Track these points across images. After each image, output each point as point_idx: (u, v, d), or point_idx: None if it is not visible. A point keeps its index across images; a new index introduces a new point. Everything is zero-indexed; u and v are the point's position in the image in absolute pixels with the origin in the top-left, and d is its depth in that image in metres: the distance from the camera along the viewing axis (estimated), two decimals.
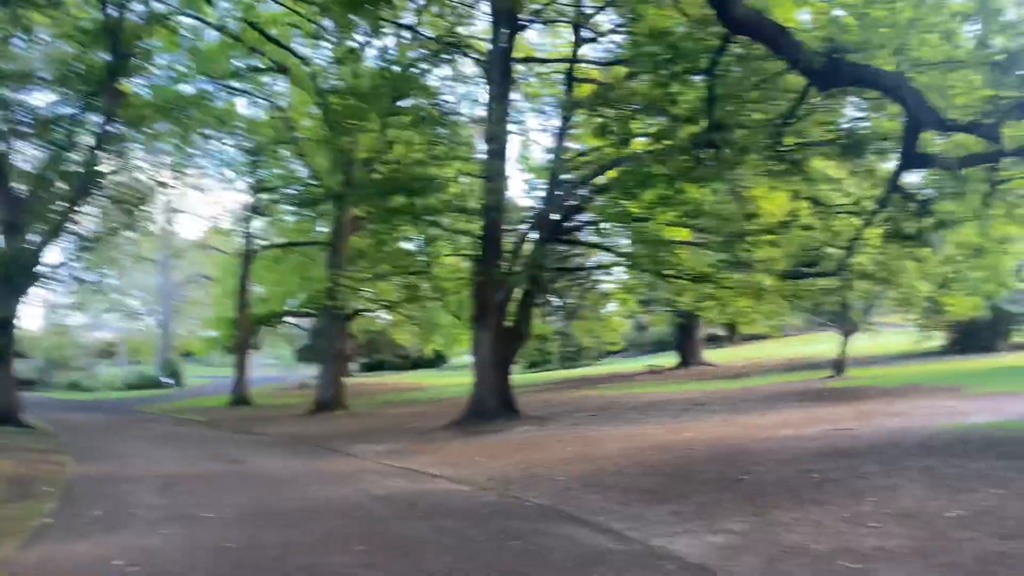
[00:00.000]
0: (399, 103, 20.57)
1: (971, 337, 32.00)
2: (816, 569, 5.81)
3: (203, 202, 79.71)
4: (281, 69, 26.69)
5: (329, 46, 25.30)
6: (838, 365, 27.41)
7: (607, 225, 16.32)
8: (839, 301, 19.78)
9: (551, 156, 19.99)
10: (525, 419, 18.43)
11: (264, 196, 34.43)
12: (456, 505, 9.26)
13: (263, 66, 27.26)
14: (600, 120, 9.50)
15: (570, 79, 19.74)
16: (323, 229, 31.76)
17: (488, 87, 19.28)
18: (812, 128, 9.94)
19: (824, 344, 47.36)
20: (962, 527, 6.41)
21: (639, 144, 12.33)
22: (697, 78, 9.07)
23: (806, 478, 8.94)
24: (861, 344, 32.70)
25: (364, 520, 8.63)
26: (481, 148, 20.06)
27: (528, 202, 26.74)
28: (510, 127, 19.74)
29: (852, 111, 11.28)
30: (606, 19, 19.91)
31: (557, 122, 20.30)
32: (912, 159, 8.74)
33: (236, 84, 29.29)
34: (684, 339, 39.62)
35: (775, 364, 36.55)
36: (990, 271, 13.63)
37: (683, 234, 20.38)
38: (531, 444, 14.21)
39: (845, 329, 27.86)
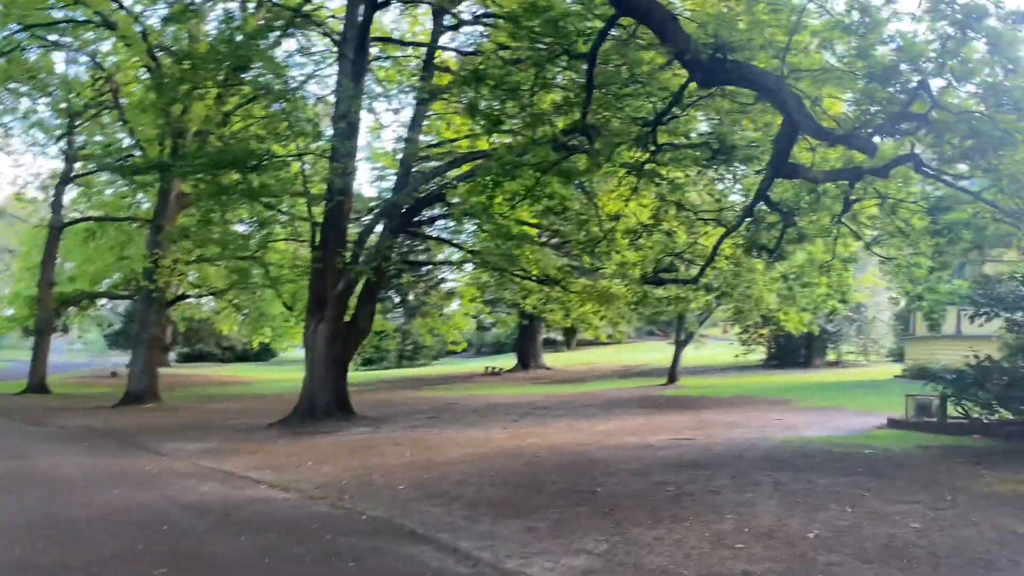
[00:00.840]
0: (240, 73, 18.88)
1: (790, 352, 33.96)
2: None
3: (7, 165, 71.82)
4: (107, 24, 23.97)
5: (165, 3, 22.99)
6: (672, 374, 28.15)
7: (460, 219, 15.52)
8: (680, 310, 20.06)
9: (403, 144, 19.02)
10: (360, 420, 17.32)
11: (80, 164, 31.06)
12: (280, 517, 8.15)
13: (86, 19, 24.37)
14: (471, 98, 8.75)
15: (428, 66, 18.85)
16: (145, 204, 29.01)
17: (340, 65, 18.02)
18: (685, 127, 9.71)
19: (655, 352, 49.16)
20: (825, 549, 6.13)
21: (504, 134, 11.70)
22: (575, 64, 8.57)
23: (661, 491, 8.55)
24: (689, 354, 33.94)
25: (169, 534, 7.37)
26: (328, 130, 18.72)
27: (375, 191, 25.65)
28: (362, 111, 18.57)
29: (711, 121, 11.14)
30: (468, 6, 19.28)
31: (410, 111, 19.41)
32: (783, 168, 8.65)
33: (53, 37, 26.10)
34: (523, 342, 39.64)
35: (611, 370, 37.26)
36: (834, 287, 14.10)
37: (533, 233, 20.08)
38: (366, 447, 13.17)
39: (679, 339, 28.66)
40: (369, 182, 52.99)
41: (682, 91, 8.27)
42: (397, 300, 48.53)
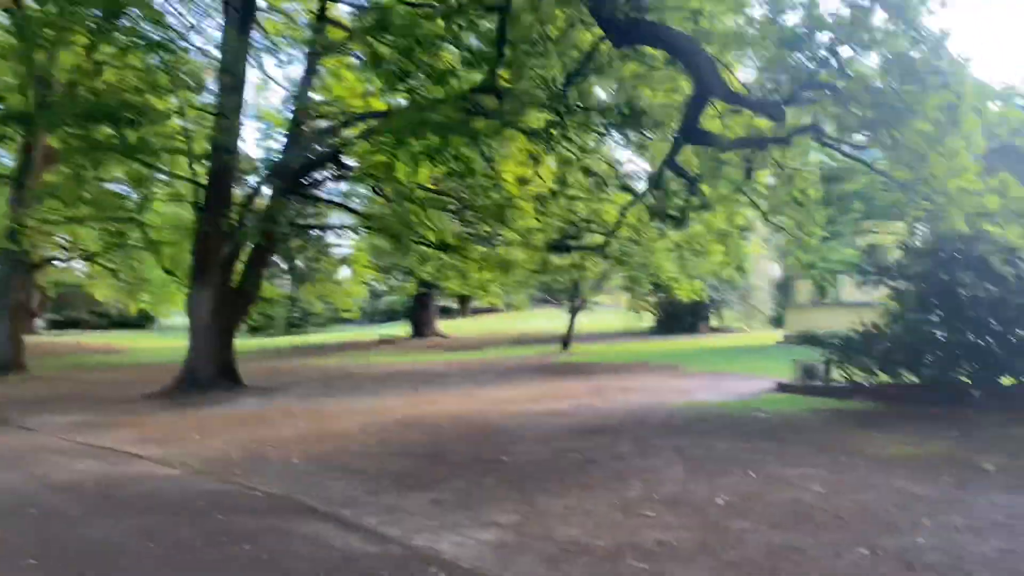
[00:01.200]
0: (113, 20, 17.39)
1: (677, 319, 34.94)
2: (603, 571, 5.15)
3: None
4: None
5: None
6: (566, 340, 28.40)
7: (361, 179, 14.87)
8: (577, 278, 20.13)
9: (293, 101, 18.10)
10: (249, 390, 16.57)
11: None
12: (165, 496, 7.58)
13: None
14: (374, 49, 8.22)
15: (321, 19, 17.91)
16: (6, 160, 26.67)
17: (226, 15, 16.88)
18: (596, 87, 9.51)
19: (547, 320, 49.72)
20: (735, 515, 6.15)
21: (404, 93, 11.17)
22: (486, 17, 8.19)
23: (567, 459, 8.46)
24: (580, 321, 34.41)
25: (38, 520, 6.70)
26: (213, 85, 17.56)
27: (262, 153, 24.43)
28: (248, 67, 17.50)
29: (618, 85, 10.99)
30: None
31: (300, 67, 18.46)
32: (692, 133, 8.61)
33: None
34: (418, 309, 39.16)
35: (506, 337, 37.35)
36: (732, 256, 14.38)
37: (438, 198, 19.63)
38: (257, 419, 12.56)
39: (574, 306, 28.92)
40: (256, 142, 50.70)
41: (595, 50, 8.06)
42: (285, 266, 46.99)
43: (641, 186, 10.98)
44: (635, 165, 13.11)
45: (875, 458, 8.03)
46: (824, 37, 7.18)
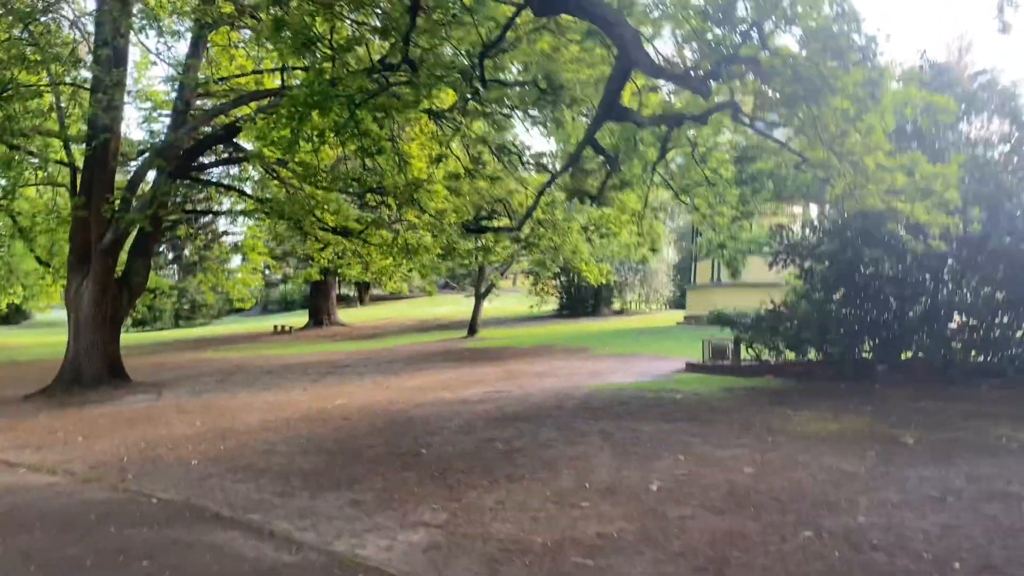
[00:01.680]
0: None
1: (580, 303, 35.16)
2: (545, 570, 4.82)
3: None
4: None
5: None
6: (472, 326, 28.06)
7: (257, 158, 13.93)
8: (487, 262, 19.74)
9: (179, 79, 16.91)
10: (137, 386, 15.46)
11: None
12: (47, 508, 6.78)
13: None
14: (277, 15, 7.53)
15: None
16: None
17: None
18: (513, 61, 9.09)
19: (449, 306, 49.32)
20: (673, 502, 5.94)
21: (303, 72, 10.47)
22: None
23: (491, 448, 8.10)
24: (484, 306, 34.15)
25: None
26: (90, 58, 16.17)
27: (145, 134, 22.83)
28: (129, 44, 16.20)
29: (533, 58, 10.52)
30: None
31: (186, 43, 17.22)
32: (613, 110, 8.34)
33: None
34: (316, 298, 37.95)
35: (408, 325, 36.72)
36: (645, 236, 14.30)
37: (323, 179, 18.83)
38: (148, 417, 11.64)
39: (479, 291, 28.57)
40: (138, 123, 47.81)
41: (513, 19, 7.67)
42: (172, 255, 44.72)
43: (552, 166, 10.66)
44: (546, 145, 12.81)
45: (798, 436, 8.03)
46: (746, 9, 7.05)
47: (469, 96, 9.41)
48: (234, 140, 16.24)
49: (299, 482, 7.23)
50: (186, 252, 42.68)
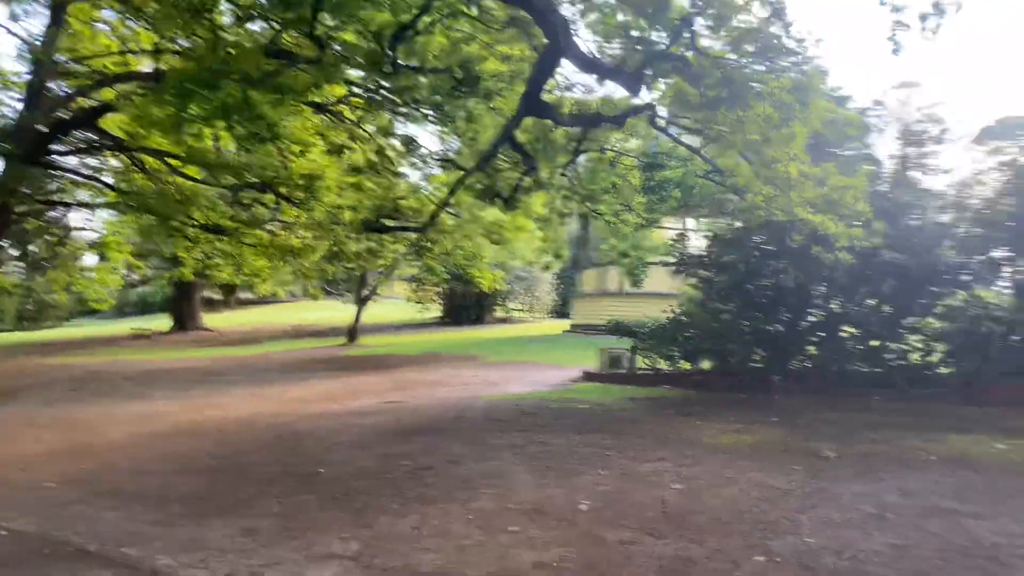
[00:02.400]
0: None
1: (463, 310, 34.67)
2: None
3: None
4: None
5: None
6: (352, 333, 26.99)
7: (128, 145, 12.57)
8: (379, 266, 18.82)
9: (34, 57, 15.21)
10: None
11: None
12: None
13: None
14: None
15: None
16: None
17: None
18: (430, 46, 8.42)
19: (324, 311, 47.67)
20: (608, 525, 5.50)
21: (171, 60, 9.45)
22: None
23: (396, 466, 7.42)
24: (364, 313, 33.09)
25: None
26: None
27: None
28: None
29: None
30: None
31: (42, 22, 15.57)
32: (535, 104, 7.88)
33: None
34: (180, 300, 35.62)
35: (281, 331, 35.06)
36: (550, 242, 13.91)
37: (195, 172, 17.55)
38: None
39: (361, 296, 27.55)
40: None
41: (431, 3, 7.08)
42: (18, 251, 40.86)
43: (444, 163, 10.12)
44: (440, 145, 12.13)
45: (716, 449, 7.81)
46: (680, 6, 6.78)
47: (373, 86, 8.75)
48: (96, 125, 14.71)
49: (179, 508, 6.33)
50: (32, 248, 39.08)
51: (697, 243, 12.38)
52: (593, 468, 7.09)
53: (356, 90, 14.91)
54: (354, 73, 8.50)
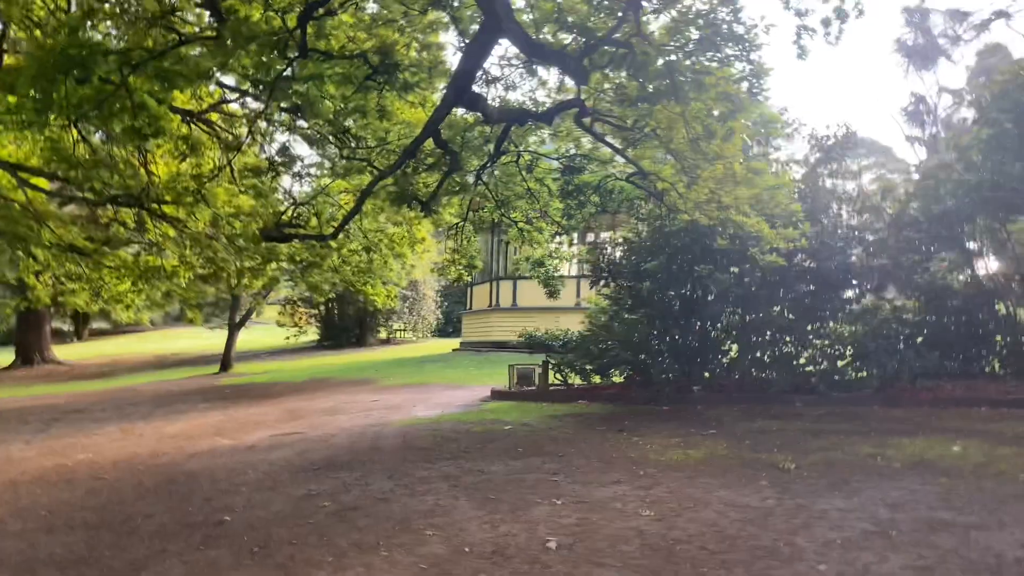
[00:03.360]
0: None
1: (342, 332, 33.25)
2: None
3: None
4: None
5: None
6: (225, 361, 25.14)
7: None
8: (260, 286, 17.36)
9: None
10: None
11: None
12: None
13: None
14: None
15: None
16: None
17: None
18: (342, 27, 7.42)
19: (186, 340, 44.87)
20: (590, 565, 4.77)
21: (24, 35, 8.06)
22: None
23: (316, 508, 6.41)
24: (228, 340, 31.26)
25: None
26: None
27: None
28: None
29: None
30: None
31: None
32: (465, 94, 7.10)
33: None
34: (25, 332, 32.35)
35: (141, 361, 32.55)
36: (462, 253, 13.00)
37: (44, 184, 15.75)
38: None
39: (233, 321, 25.74)
40: None
41: None
42: None
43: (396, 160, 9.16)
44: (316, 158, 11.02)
45: (666, 466, 7.25)
46: None
47: (264, 83, 7.73)
48: None
49: (53, 573, 5.13)
50: None
51: (613, 251, 11.93)
52: (545, 497, 6.36)
53: (231, 96, 13.75)
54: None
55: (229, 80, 10.71)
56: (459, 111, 8.42)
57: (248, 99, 13.11)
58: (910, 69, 38.07)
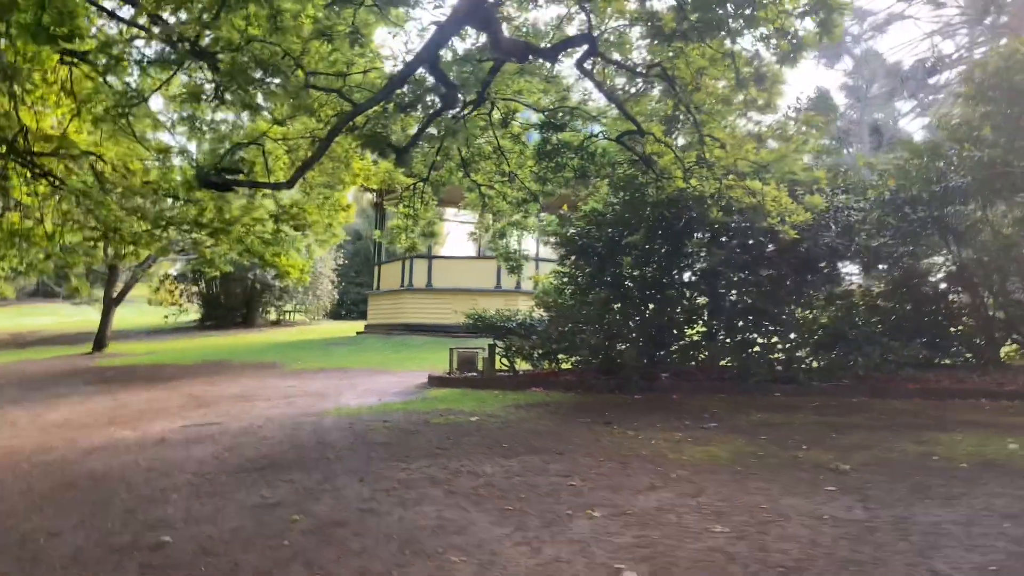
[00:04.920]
0: None
1: (228, 312, 30.82)
2: None
3: None
4: None
5: None
6: (100, 340, 22.48)
7: None
8: (154, 249, 15.06)
9: None
10: None
11: None
12: None
13: None
14: None
15: None
16: None
17: None
18: None
19: (47, 316, 40.90)
20: None
21: None
22: None
23: (285, 524, 4.95)
24: (92, 317, 28.49)
25: None
26: None
27: None
28: None
29: None
30: None
31: None
32: (480, 8, 5.73)
33: None
34: None
35: None
36: (422, 221, 11.25)
37: None
38: None
39: (110, 297, 23.06)
40: None
41: None
42: None
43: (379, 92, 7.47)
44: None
45: (695, 466, 6.21)
46: None
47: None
48: None
49: None
50: None
51: (585, 223, 10.73)
52: (575, 508, 5.17)
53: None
54: None
55: None
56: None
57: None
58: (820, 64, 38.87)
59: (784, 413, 8.49)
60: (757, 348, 10.41)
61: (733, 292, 10.47)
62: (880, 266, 10.52)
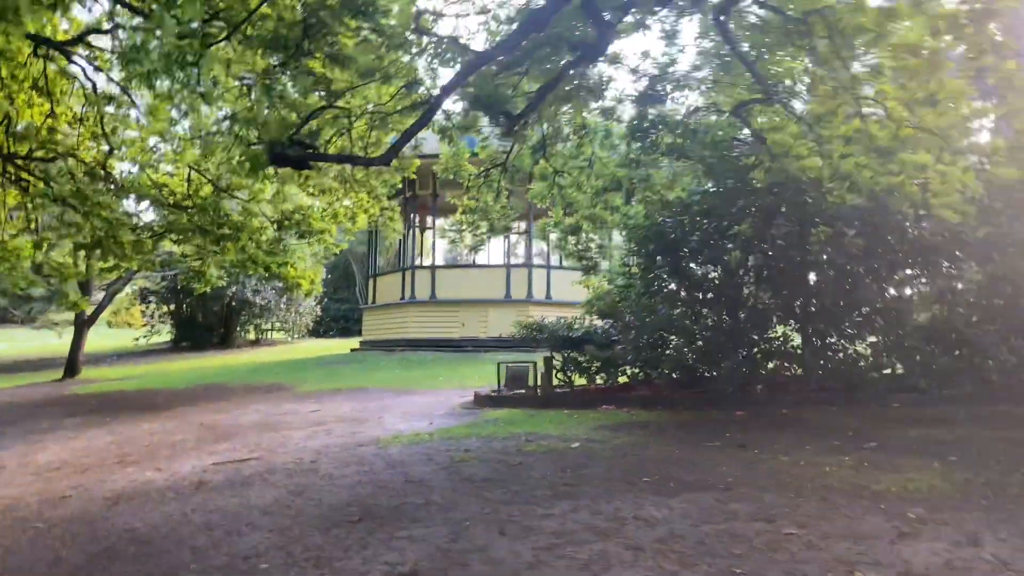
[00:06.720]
0: None
1: (204, 332, 29.00)
2: None
3: None
4: None
5: None
6: (72, 365, 20.56)
7: None
8: (141, 261, 13.29)
9: None
10: None
11: None
12: None
13: None
14: None
15: None
16: None
17: None
18: None
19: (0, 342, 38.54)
20: None
21: None
22: None
23: None
24: (55, 343, 26.59)
25: None
26: None
27: None
28: None
29: None
30: None
31: None
32: None
33: None
34: None
35: None
36: (498, 215, 9.76)
37: None
38: None
39: (83, 318, 21.14)
40: None
41: None
42: None
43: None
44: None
45: (918, 500, 4.91)
46: None
47: None
48: None
49: None
50: None
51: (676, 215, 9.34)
52: (829, 569, 3.85)
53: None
54: None
55: None
56: None
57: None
58: None
59: (942, 428, 7.28)
60: (870, 354, 9.17)
61: (840, 293, 9.21)
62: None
